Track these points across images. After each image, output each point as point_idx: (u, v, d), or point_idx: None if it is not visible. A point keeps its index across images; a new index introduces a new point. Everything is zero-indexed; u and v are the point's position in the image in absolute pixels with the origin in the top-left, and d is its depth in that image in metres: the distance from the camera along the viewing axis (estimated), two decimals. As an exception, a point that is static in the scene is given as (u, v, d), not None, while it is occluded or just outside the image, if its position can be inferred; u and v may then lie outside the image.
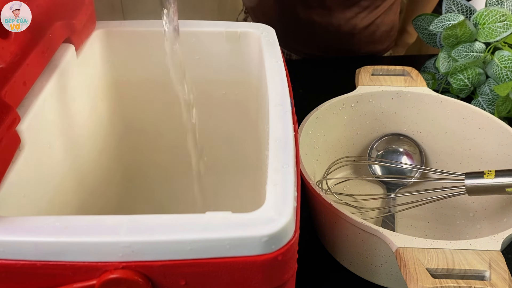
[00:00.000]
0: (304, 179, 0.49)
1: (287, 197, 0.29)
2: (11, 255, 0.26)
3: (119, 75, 0.51)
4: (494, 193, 0.49)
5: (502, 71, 0.68)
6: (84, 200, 0.46)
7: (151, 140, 0.57)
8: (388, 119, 0.63)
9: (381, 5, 0.89)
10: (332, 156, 0.62)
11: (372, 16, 0.90)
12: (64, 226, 0.27)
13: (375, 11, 0.89)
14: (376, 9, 0.89)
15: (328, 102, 0.59)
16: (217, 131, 0.56)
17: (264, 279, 0.28)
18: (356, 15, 0.88)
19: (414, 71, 0.64)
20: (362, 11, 0.88)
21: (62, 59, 0.41)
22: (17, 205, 0.33)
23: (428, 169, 0.62)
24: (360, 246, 0.47)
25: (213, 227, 0.27)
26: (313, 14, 0.88)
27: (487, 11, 0.71)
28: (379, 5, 0.89)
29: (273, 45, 0.46)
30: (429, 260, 0.40)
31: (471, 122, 0.58)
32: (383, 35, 0.94)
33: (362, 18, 0.89)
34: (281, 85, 0.39)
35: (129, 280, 0.26)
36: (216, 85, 0.52)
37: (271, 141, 0.33)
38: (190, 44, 0.49)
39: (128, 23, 0.49)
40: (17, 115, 0.33)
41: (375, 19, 0.90)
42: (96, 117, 0.49)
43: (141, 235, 0.26)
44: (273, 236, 0.27)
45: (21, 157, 0.34)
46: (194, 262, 0.27)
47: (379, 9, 0.90)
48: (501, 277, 0.38)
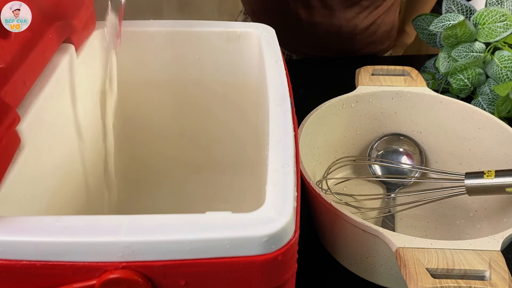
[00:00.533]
0: (304, 179, 0.49)
1: (287, 197, 0.29)
2: (11, 255, 0.26)
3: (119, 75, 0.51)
4: (494, 193, 0.49)
5: (502, 71, 0.68)
6: (84, 200, 0.46)
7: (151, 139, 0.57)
8: (388, 119, 0.63)
9: (381, 5, 0.89)
10: (332, 156, 0.62)
11: (373, 16, 0.90)
12: (64, 226, 0.27)
13: (376, 11, 0.89)
14: (377, 9, 0.89)
15: (328, 102, 0.59)
16: (217, 131, 0.56)
17: (264, 279, 0.28)
18: (357, 15, 0.88)
19: (414, 71, 0.64)
20: (363, 11, 0.88)
21: (62, 59, 0.41)
22: (17, 205, 0.33)
23: (428, 169, 0.62)
24: (360, 246, 0.47)
25: (213, 227, 0.27)
26: (314, 14, 0.88)
27: (487, 11, 0.71)
28: (380, 5, 0.89)
29: (273, 45, 0.46)
30: (429, 260, 0.40)
31: (471, 122, 0.58)
32: (384, 35, 0.94)
33: (363, 18, 0.89)
34: (281, 85, 0.39)
35: (129, 280, 0.26)
36: (216, 85, 0.52)
37: (271, 141, 0.33)
38: (190, 44, 0.49)
39: (128, 23, 0.49)
40: (17, 115, 0.33)
41: (375, 19, 0.90)
42: (96, 117, 0.49)
43: (141, 235, 0.26)
44: (273, 236, 0.27)
45: (21, 157, 0.34)
46: (194, 262, 0.27)
47: (379, 9, 0.90)
48: (501, 277, 0.38)
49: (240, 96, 0.52)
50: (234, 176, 0.56)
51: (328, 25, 0.89)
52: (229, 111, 0.54)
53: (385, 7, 0.90)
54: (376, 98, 0.61)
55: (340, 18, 0.88)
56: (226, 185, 0.57)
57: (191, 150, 0.58)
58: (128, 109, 0.54)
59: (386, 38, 0.95)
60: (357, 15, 0.88)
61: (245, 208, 0.29)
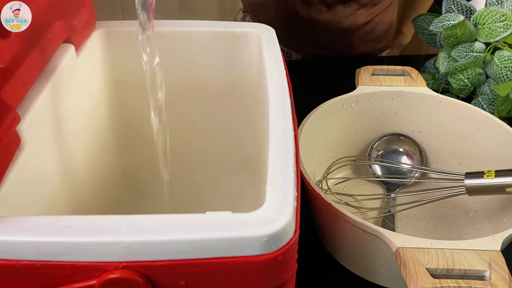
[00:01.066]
0: (304, 179, 0.49)
1: (287, 197, 0.29)
2: (11, 255, 0.26)
3: (119, 75, 0.51)
4: (494, 193, 0.49)
5: (502, 71, 0.68)
6: (84, 200, 0.46)
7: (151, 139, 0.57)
8: (388, 119, 0.63)
9: (379, 3, 0.90)
10: (332, 156, 0.62)
11: (371, 13, 0.90)
12: (64, 226, 0.27)
13: (373, 8, 0.90)
14: (375, 7, 0.90)
15: (328, 102, 0.59)
16: (217, 131, 0.56)
17: (264, 279, 0.28)
18: (355, 12, 0.89)
19: (414, 71, 0.64)
20: (361, 8, 0.89)
21: (62, 59, 0.41)
22: (17, 205, 0.33)
23: (428, 169, 0.62)
24: (360, 246, 0.47)
25: (213, 227, 0.27)
26: (312, 11, 0.88)
27: (487, 11, 0.71)
28: (378, 3, 0.89)
29: (273, 45, 0.46)
30: (429, 260, 0.40)
31: (471, 122, 0.58)
32: (382, 34, 0.94)
33: (360, 15, 0.89)
34: (281, 85, 0.39)
35: (129, 280, 0.26)
36: (216, 85, 0.52)
37: (271, 141, 0.33)
38: (190, 44, 0.49)
39: (128, 23, 0.49)
40: (17, 115, 0.33)
41: (373, 17, 0.91)
42: (96, 117, 0.49)
43: (141, 235, 0.26)
44: (273, 236, 0.27)
45: (21, 157, 0.34)
46: (194, 262, 0.27)
47: (377, 7, 0.90)
48: (501, 277, 0.38)
49: (240, 96, 0.52)
50: (234, 176, 0.56)
51: (326, 21, 0.89)
52: (229, 111, 0.54)
53: (383, 6, 0.91)
54: (376, 98, 0.61)
55: (339, 14, 0.89)
56: (226, 185, 0.57)
57: (191, 150, 0.58)
58: (128, 109, 0.54)
59: (384, 36, 0.96)
60: (354, 12, 0.89)
61: (245, 208, 0.29)
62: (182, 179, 0.59)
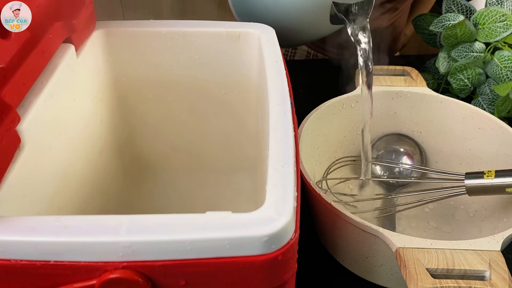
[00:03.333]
0: (304, 179, 0.49)
1: (287, 197, 0.29)
2: (11, 255, 0.26)
3: (119, 75, 0.51)
4: (494, 193, 0.49)
5: (502, 71, 0.68)
6: (84, 200, 0.46)
7: (151, 139, 0.57)
8: (388, 119, 0.63)
9: (399, 8, 0.92)
10: (332, 156, 0.62)
11: (393, 17, 0.93)
12: (64, 226, 0.27)
13: (395, 12, 0.92)
14: (396, 11, 0.92)
15: (328, 102, 0.59)
16: (217, 131, 0.56)
17: (264, 279, 0.28)
18: (380, 16, 0.90)
19: (414, 71, 0.64)
20: (386, 12, 0.90)
21: (62, 59, 0.41)
22: (17, 205, 0.33)
23: (428, 169, 0.62)
24: (360, 246, 0.47)
25: (213, 227, 0.27)
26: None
27: (487, 11, 0.71)
28: (398, 7, 0.92)
29: (273, 45, 0.46)
30: (429, 260, 0.40)
31: (471, 122, 0.58)
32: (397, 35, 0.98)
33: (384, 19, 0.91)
34: (281, 85, 0.39)
35: (129, 280, 0.26)
36: (216, 85, 0.52)
37: (271, 141, 0.33)
38: (190, 44, 0.49)
39: (128, 23, 0.49)
40: (17, 115, 0.33)
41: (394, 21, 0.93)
42: (96, 117, 0.49)
43: (141, 235, 0.26)
44: (273, 236, 0.27)
45: (21, 157, 0.34)
46: (194, 262, 0.27)
47: (398, 11, 0.93)
48: (501, 277, 0.38)
49: (240, 96, 0.52)
50: (234, 176, 0.56)
51: None
52: (229, 111, 0.54)
53: (402, 10, 0.93)
54: (376, 98, 0.61)
55: None
56: (226, 185, 0.57)
57: (191, 150, 0.58)
58: (128, 109, 0.54)
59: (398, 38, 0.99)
60: (379, 16, 0.90)
61: (245, 208, 0.29)
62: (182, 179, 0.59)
